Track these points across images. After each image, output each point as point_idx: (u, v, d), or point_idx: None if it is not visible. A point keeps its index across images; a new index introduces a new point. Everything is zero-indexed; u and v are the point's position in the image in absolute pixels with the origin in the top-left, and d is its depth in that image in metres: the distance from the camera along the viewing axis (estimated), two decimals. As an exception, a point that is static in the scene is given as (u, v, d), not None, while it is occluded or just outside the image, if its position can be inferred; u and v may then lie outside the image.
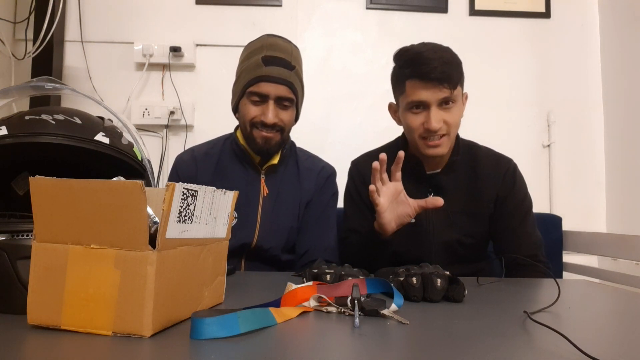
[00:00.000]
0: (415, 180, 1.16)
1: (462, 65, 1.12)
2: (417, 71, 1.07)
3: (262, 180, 1.19)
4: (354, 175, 1.27)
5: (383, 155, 0.99)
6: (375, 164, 0.99)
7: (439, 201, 1.00)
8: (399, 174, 1.03)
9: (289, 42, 1.17)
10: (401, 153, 1.01)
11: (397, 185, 1.04)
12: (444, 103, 1.08)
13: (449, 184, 1.16)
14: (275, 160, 1.20)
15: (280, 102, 1.12)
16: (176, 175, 1.22)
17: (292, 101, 1.14)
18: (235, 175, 1.19)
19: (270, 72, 1.09)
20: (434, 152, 1.11)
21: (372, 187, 1.00)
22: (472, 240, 1.17)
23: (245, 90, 1.12)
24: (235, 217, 1.15)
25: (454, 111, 1.10)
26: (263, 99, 1.11)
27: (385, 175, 1.02)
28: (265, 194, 1.19)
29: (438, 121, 1.07)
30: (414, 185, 1.14)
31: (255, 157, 1.19)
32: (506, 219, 1.16)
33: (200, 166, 1.20)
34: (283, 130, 1.15)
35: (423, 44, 1.12)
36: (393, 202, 1.04)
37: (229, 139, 1.26)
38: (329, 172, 1.28)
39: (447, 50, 1.11)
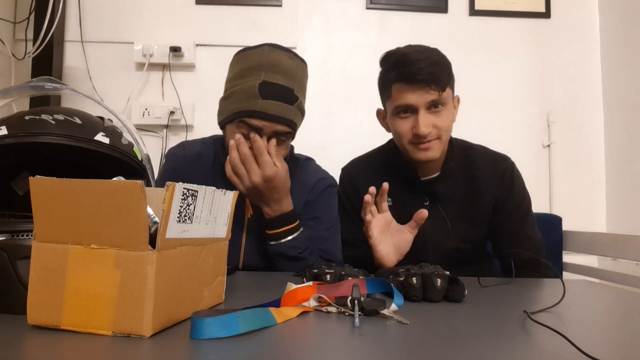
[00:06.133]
0: (409, 188, 1.12)
1: (451, 67, 1.07)
2: (403, 73, 1.01)
3: (247, 200, 1.04)
4: (345, 183, 1.21)
5: (372, 189, 0.96)
6: (368, 197, 0.95)
7: (423, 213, 0.98)
8: (385, 205, 1.00)
9: (294, 56, 1.01)
10: (385, 185, 0.99)
11: (386, 216, 1.01)
12: (433, 106, 1.03)
13: (446, 191, 1.11)
14: None
15: (275, 135, 0.98)
16: (170, 169, 1.10)
17: (290, 135, 1.01)
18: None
19: (267, 108, 0.94)
20: (425, 155, 1.05)
21: (367, 215, 0.97)
22: (470, 246, 1.14)
23: (234, 118, 0.98)
24: None
25: (444, 115, 1.04)
26: (256, 131, 0.97)
27: (374, 208, 0.99)
28: (249, 215, 1.05)
29: (427, 125, 1.02)
30: (408, 194, 1.10)
31: None
32: (506, 221, 1.14)
33: (190, 168, 1.07)
34: None
35: (409, 46, 1.06)
36: (386, 234, 1.00)
37: (220, 147, 1.10)
38: (327, 184, 1.13)
39: (435, 51, 1.05)
